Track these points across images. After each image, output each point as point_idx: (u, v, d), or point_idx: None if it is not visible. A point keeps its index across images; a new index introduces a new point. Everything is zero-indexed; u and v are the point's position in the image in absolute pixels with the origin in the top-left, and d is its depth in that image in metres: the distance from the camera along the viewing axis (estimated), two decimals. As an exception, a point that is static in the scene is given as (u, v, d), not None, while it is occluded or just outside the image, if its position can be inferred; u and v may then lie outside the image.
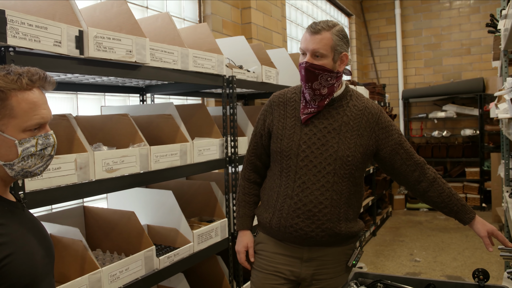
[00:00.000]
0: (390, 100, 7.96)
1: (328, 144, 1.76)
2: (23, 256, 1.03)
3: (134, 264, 1.93)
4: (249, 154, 1.98)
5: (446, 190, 1.84)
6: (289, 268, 1.84)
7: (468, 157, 7.36)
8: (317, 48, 1.70)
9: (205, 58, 2.39)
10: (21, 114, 1.04)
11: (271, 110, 1.90)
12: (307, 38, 1.73)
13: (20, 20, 1.44)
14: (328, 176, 1.74)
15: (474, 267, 4.48)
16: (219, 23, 3.96)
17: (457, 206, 1.84)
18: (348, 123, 1.78)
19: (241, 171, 2.03)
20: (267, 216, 1.85)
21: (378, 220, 6.27)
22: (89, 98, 2.81)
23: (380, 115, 1.83)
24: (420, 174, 1.83)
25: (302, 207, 1.75)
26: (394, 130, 1.84)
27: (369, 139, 1.79)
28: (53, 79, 1.12)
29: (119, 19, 2.03)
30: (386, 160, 1.83)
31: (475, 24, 7.64)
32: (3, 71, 1.03)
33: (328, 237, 1.77)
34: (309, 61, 1.71)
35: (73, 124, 1.84)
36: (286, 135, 1.81)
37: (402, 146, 1.82)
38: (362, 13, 8.50)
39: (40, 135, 1.09)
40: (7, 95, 1.01)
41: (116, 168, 1.87)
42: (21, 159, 1.06)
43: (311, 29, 1.72)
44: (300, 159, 1.76)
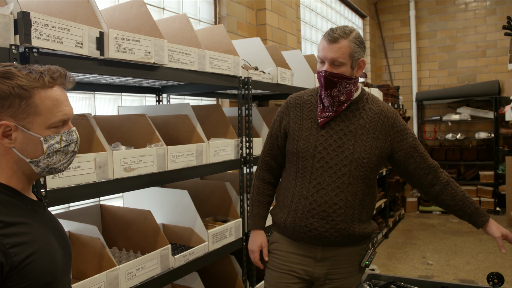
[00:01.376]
0: (403, 102, 7.92)
1: (344, 146, 1.77)
2: (46, 254, 1.05)
3: (150, 263, 1.95)
4: (264, 155, 2.00)
5: (459, 193, 1.85)
6: (303, 267, 1.86)
7: (483, 160, 7.29)
8: (336, 57, 1.71)
9: (222, 60, 2.41)
10: (45, 112, 1.06)
11: (288, 112, 1.92)
12: (325, 46, 1.73)
13: (44, 22, 1.47)
14: (344, 178, 1.76)
15: (488, 271, 4.44)
16: (234, 24, 3.98)
17: (470, 209, 1.84)
18: (364, 126, 1.80)
19: (255, 171, 2.06)
20: (282, 216, 1.88)
21: (390, 222, 6.24)
22: (106, 98, 2.85)
23: (396, 118, 1.84)
24: (434, 177, 1.85)
25: (317, 208, 1.77)
26: (409, 134, 1.85)
27: (384, 142, 1.81)
28: (73, 76, 1.14)
29: (138, 21, 2.06)
30: (401, 163, 1.85)
31: (491, 26, 7.56)
32: (25, 70, 1.05)
33: (342, 237, 1.79)
34: (328, 70, 1.73)
35: (93, 124, 1.87)
36: (303, 137, 1.83)
37: (416, 150, 1.84)
38: (376, 15, 8.47)
39: (64, 132, 1.11)
40: (31, 93, 1.03)
41: (134, 168, 1.89)
42: (47, 155, 1.08)
43: (328, 37, 1.72)
44: (316, 160, 1.78)
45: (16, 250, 0.98)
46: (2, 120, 1.02)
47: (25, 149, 1.06)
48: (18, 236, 1.00)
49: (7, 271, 0.96)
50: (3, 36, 1.38)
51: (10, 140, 1.04)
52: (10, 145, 1.05)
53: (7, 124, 1.02)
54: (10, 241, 0.97)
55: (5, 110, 1.02)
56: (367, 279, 1.99)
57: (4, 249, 0.95)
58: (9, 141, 1.04)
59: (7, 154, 1.06)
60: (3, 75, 1.02)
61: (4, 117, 1.02)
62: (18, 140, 1.05)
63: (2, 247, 0.95)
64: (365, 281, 1.96)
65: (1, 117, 1.02)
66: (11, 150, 1.06)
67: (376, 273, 2.05)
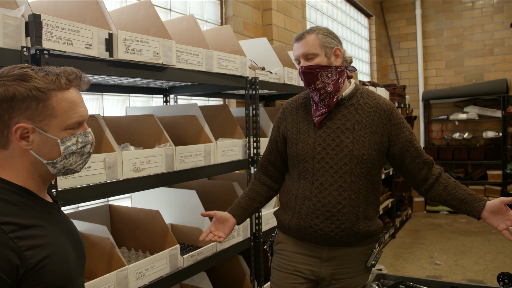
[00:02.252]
0: (410, 101, 7.89)
1: (342, 144, 1.77)
2: (60, 257, 1.06)
3: (159, 262, 1.97)
4: (263, 159, 2.04)
5: (451, 183, 1.81)
6: (308, 267, 1.86)
7: (490, 159, 7.24)
8: (306, 50, 1.76)
9: (229, 60, 2.42)
10: (61, 113, 1.06)
11: (284, 117, 1.95)
12: (295, 46, 1.81)
13: (55, 24, 1.48)
14: (345, 176, 1.76)
15: (497, 271, 4.42)
16: (241, 25, 3.99)
17: (464, 195, 1.77)
18: (361, 121, 1.79)
19: (253, 173, 2.10)
20: (286, 218, 1.88)
21: (397, 222, 6.22)
22: (114, 99, 2.86)
23: (392, 111, 1.83)
24: (428, 172, 1.83)
25: (321, 208, 1.77)
26: (405, 128, 1.84)
27: (382, 135, 1.80)
28: (88, 78, 1.15)
29: (146, 22, 2.07)
30: (397, 157, 1.83)
31: (498, 24, 7.52)
32: (41, 72, 1.05)
33: (347, 236, 1.78)
34: (304, 65, 1.77)
35: (102, 125, 1.88)
36: (301, 139, 1.84)
37: (412, 144, 1.82)
38: (382, 14, 8.44)
39: (80, 133, 1.12)
40: (48, 95, 1.04)
41: (143, 168, 1.91)
42: (63, 157, 1.09)
43: (296, 38, 1.81)
44: (316, 161, 1.78)
45: (31, 252, 0.98)
46: (20, 123, 1.03)
47: (42, 151, 1.07)
48: (33, 238, 1.00)
49: (22, 273, 0.96)
50: (15, 38, 1.39)
51: (28, 142, 1.05)
52: (27, 147, 1.05)
53: (25, 127, 1.03)
54: (25, 244, 0.97)
55: (23, 112, 1.02)
56: (376, 279, 1.99)
57: (20, 251, 0.96)
58: (27, 143, 1.05)
59: (23, 156, 1.07)
60: (20, 78, 1.02)
61: (22, 119, 1.03)
62: (35, 142, 1.05)
63: (18, 249, 0.95)
64: (374, 281, 1.96)
65: (18, 120, 1.03)
66: (27, 152, 1.06)
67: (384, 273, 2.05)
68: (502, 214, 1.71)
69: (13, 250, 0.95)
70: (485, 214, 1.73)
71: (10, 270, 0.94)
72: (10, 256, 0.94)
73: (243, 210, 2.00)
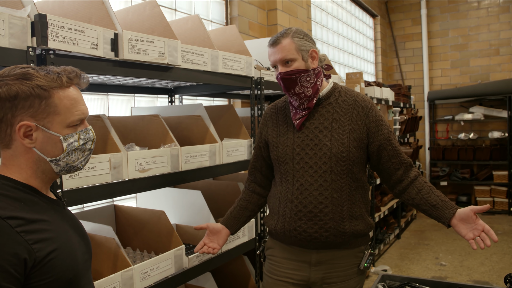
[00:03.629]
0: (415, 101, 7.87)
1: (321, 143, 1.75)
2: (67, 251, 1.07)
3: (164, 263, 1.96)
4: (250, 166, 2.04)
5: (426, 187, 1.77)
6: (297, 272, 1.84)
7: (496, 160, 7.20)
8: (283, 56, 1.72)
9: (234, 60, 2.42)
10: (64, 111, 1.08)
11: (265, 122, 1.96)
12: (271, 51, 1.76)
13: (60, 24, 1.48)
14: (325, 175, 1.74)
15: (503, 272, 4.40)
16: (246, 25, 3.98)
17: (436, 201, 1.73)
18: (339, 119, 1.77)
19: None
20: (272, 222, 1.88)
21: (402, 223, 6.20)
22: (119, 99, 2.87)
23: (371, 108, 1.80)
24: (404, 173, 1.80)
25: (303, 209, 1.75)
26: (384, 126, 1.80)
27: (361, 132, 1.77)
28: (87, 77, 1.17)
29: (151, 22, 2.07)
30: (373, 154, 1.80)
31: (504, 24, 7.48)
32: (42, 71, 1.07)
33: (333, 237, 1.75)
34: (282, 71, 1.74)
35: (107, 125, 1.88)
36: (281, 142, 1.84)
37: (390, 143, 1.79)
38: (387, 14, 8.42)
39: (81, 130, 1.14)
40: (50, 93, 1.06)
41: (148, 168, 1.90)
42: (66, 154, 1.11)
43: (271, 43, 1.76)
44: (296, 162, 1.78)
45: (39, 246, 0.99)
46: (23, 121, 1.04)
47: (45, 148, 1.08)
48: (40, 232, 1.02)
49: (31, 266, 0.97)
50: (21, 39, 1.39)
51: (31, 140, 1.06)
52: (30, 145, 1.07)
53: (28, 124, 1.04)
54: (32, 237, 0.99)
55: (26, 111, 1.04)
56: (381, 279, 1.98)
57: (27, 245, 0.97)
58: (30, 141, 1.06)
59: (27, 154, 1.08)
60: (22, 77, 1.03)
61: (25, 118, 1.04)
62: (38, 140, 1.07)
63: (25, 243, 0.97)
64: (379, 281, 1.95)
65: (22, 118, 1.04)
66: (31, 150, 1.08)
67: (390, 274, 2.04)
68: (471, 222, 1.66)
69: (20, 243, 0.96)
70: (455, 221, 1.69)
71: (17, 264, 0.95)
72: (17, 250, 0.95)
73: (236, 219, 2.00)
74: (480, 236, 1.63)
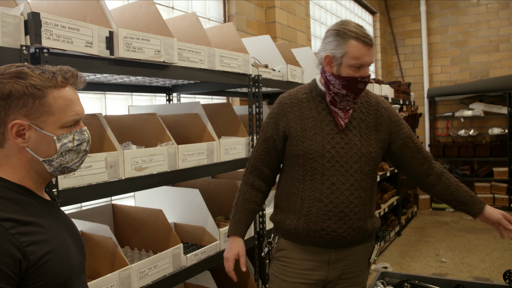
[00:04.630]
0: (415, 98, 7.85)
1: (351, 143, 1.74)
2: (61, 253, 1.06)
3: (162, 262, 1.95)
4: (256, 160, 1.87)
5: (453, 183, 1.84)
6: (316, 272, 1.80)
7: (496, 156, 7.19)
8: (372, 60, 1.69)
9: (232, 58, 2.40)
10: (58, 111, 1.07)
11: (284, 112, 1.80)
12: (364, 51, 1.64)
13: (54, 22, 1.47)
14: (356, 175, 1.73)
15: (503, 269, 4.38)
16: (244, 23, 3.97)
17: (465, 197, 1.82)
18: (365, 120, 1.78)
19: (243, 176, 1.92)
20: (290, 222, 1.78)
21: (403, 220, 6.19)
22: (117, 98, 2.86)
23: (391, 109, 1.86)
24: (428, 167, 1.84)
25: (333, 209, 1.71)
26: (404, 124, 1.86)
27: (385, 133, 1.81)
28: (84, 77, 1.15)
29: (147, 20, 2.06)
30: (397, 153, 1.84)
31: (504, 20, 7.45)
32: (38, 70, 1.06)
33: (357, 235, 1.76)
34: (367, 75, 1.68)
35: (103, 124, 1.87)
36: (308, 137, 1.74)
37: (412, 140, 1.84)
38: (386, 11, 8.39)
39: (76, 131, 1.12)
40: (44, 93, 1.05)
41: (145, 167, 1.89)
42: (60, 154, 1.09)
43: (368, 41, 1.64)
44: (326, 160, 1.72)
45: (33, 248, 0.99)
46: (16, 120, 1.03)
47: (38, 148, 1.07)
48: (34, 234, 1.01)
49: (25, 268, 0.97)
50: (14, 37, 1.38)
51: (24, 140, 1.05)
52: (23, 144, 1.05)
53: (21, 123, 1.03)
54: (26, 240, 0.98)
55: (19, 110, 1.03)
56: (380, 277, 1.96)
57: (21, 247, 0.96)
58: (23, 141, 1.05)
59: (20, 153, 1.07)
60: (16, 75, 1.03)
61: (18, 117, 1.03)
62: (31, 139, 1.06)
63: (19, 245, 0.96)
64: (378, 279, 1.94)
65: (14, 117, 1.03)
66: (24, 150, 1.07)
67: (389, 271, 2.03)
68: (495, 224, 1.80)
69: (15, 245, 0.96)
70: (482, 218, 1.82)
71: (13, 265, 0.94)
72: (12, 251, 0.95)
73: (247, 226, 1.90)
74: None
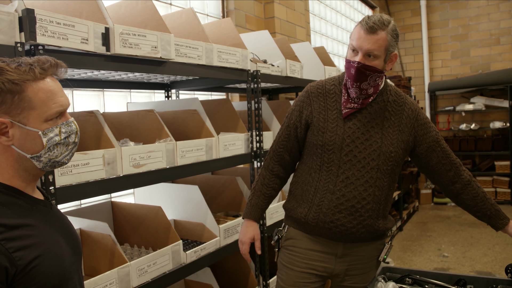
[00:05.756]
0: (416, 93, 7.82)
1: (371, 139, 1.72)
2: (52, 256, 1.03)
3: (162, 259, 1.95)
4: (278, 146, 1.89)
5: (480, 194, 1.79)
6: (323, 264, 1.80)
7: (498, 150, 7.17)
8: (372, 49, 1.62)
9: (230, 53, 2.39)
10: (39, 105, 1.03)
11: (309, 101, 1.81)
12: (362, 36, 1.62)
13: (49, 19, 1.46)
14: (372, 172, 1.71)
15: (505, 263, 4.38)
16: (242, 18, 3.95)
17: (490, 211, 1.79)
18: (390, 119, 1.75)
19: (264, 161, 1.94)
20: (302, 211, 1.80)
21: (404, 215, 6.18)
22: (115, 95, 2.84)
23: (419, 111, 1.81)
24: (455, 174, 1.80)
25: (345, 203, 1.71)
26: (432, 127, 1.80)
27: (409, 135, 1.77)
28: (65, 65, 1.10)
29: (144, 16, 2.05)
30: (422, 156, 1.80)
31: (504, 13, 7.41)
32: (13, 63, 1.01)
33: (367, 233, 1.75)
34: (362, 61, 1.64)
35: (101, 121, 1.86)
36: (329, 128, 1.74)
37: (439, 144, 1.79)
38: (386, 5, 8.36)
39: (62, 123, 1.08)
40: (22, 87, 1.00)
41: (143, 164, 1.88)
42: (47, 149, 1.06)
43: (367, 27, 1.61)
44: (344, 153, 1.72)
45: (21, 254, 0.96)
46: None
47: (24, 145, 1.03)
48: (22, 239, 0.98)
49: (13, 275, 0.94)
50: (8, 34, 1.37)
51: (8, 138, 1.01)
52: (8, 142, 1.02)
53: (2, 121, 0.99)
54: (13, 245, 0.95)
55: None
56: (382, 272, 1.96)
57: (8, 253, 0.93)
58: (7, 139, 1.01)
59: (6, 152, 1.04)
60: None
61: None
62: (16, 137, 1.02)
63: (6, 251, 0.93)
64: (380, 274, 1.94)
65: None
66: (10, 148, 1.03)
67: (391, 266, 2.02)
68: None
69: (1, 252, 0.93)
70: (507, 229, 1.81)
71: None
72: None
73: (262, 211, 1.92)
74: None
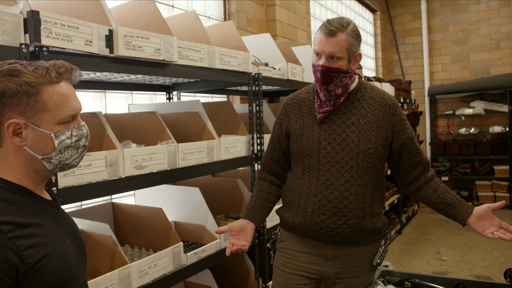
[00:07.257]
0: (416, 97, 7.84)
1: (348, 139, 1.74)
2: (60, 256, 1.05)
3: (162, 260, 1.95)
4: (266, 158, 1.98)
5: (441, 187, 1.82)
6: (313, 266, 1.83)
7: (497, 154, 7.18)
8: (333, 51, 1.66)
9: (231, 56, 2.40)
10: (54, 108, 1.05)
11: (286, 113, 1.90)
12: (323, 40, 1.68)
13: (53, 21, 1.47)
14: (352, 171, 1.73)
15: (504, 267, 4.38)
16: (244, 21, 3.96)
17: (453, 200, 1.79)
18: (366, 116, 1.77)
19: (257, 172, 2.02)
20: (290, 215, 1.85)
21: (403, 218, 6.19)
22: (117, 96, 2.85)
23: (397, 106, 1.82)
24: (421, 172, 1.83)
25: (327, 204, 1.74)
26: (407, 124, 1.83)
27: (387, 130, 1.78)
28: (79, 71, 1.13)
29: (147, 18, 2.06)
30: (395, 152, 1.82)
31: (505, 17, 7.44)
32: (31, 66, 1.04)
33: (354, 233, 1.76)
34: (325, 64, 1.68)
35: (103, 122, 1.87)
36: (305, 134, 1.80)
37: (412, 142, 1.82)
38: (387, 9, 8.38)
39: (74, 127, 1.10)
40: (38, 90, 1.03)
41: (145, 165, 1.89)
42: (58, 151, 1.08)
43: (326, 30, 1.67)
44: (322, 156, 1.75)
45: (30, 252, 0.97)
46: (12, 119, 1.01)
47: (36, 146, 1.06)
48: (31, 237, 0.99)
49: (22, 272, 0.95)
50: (13, 35, 1.38)
51: (21, 138, 1.04)
52: (21, 143, 1.04)
53: (17, 122, 1.02)
54: (24, 243, 0.97)
55: (14, 108, 1.01)
56: (381, 275, 1.96)
57: (18, 251, 0.95)
58: (20, 139, 1.04)
59: (18, 153, 1.05)
60: (9, 73, 1.01)
61: (13, 115, 1.02)
62: (28, 138, 1.04)
63: (16, 249, 0.95)
64: (379, 277, 1.94)
65: (10, 116, 1.01)
66: (22, 148, 1.05)
67: (389, 269, 2.03)
68: (488, 219, 1.73)
69: (11, 249, 0.94)
70: (472, 219, 1.75)
71: (9, 269, 0.93)
72: (8, 256, 0.93)
73: (259, 212, 1.94)
74: (500, 232, 1.70)
